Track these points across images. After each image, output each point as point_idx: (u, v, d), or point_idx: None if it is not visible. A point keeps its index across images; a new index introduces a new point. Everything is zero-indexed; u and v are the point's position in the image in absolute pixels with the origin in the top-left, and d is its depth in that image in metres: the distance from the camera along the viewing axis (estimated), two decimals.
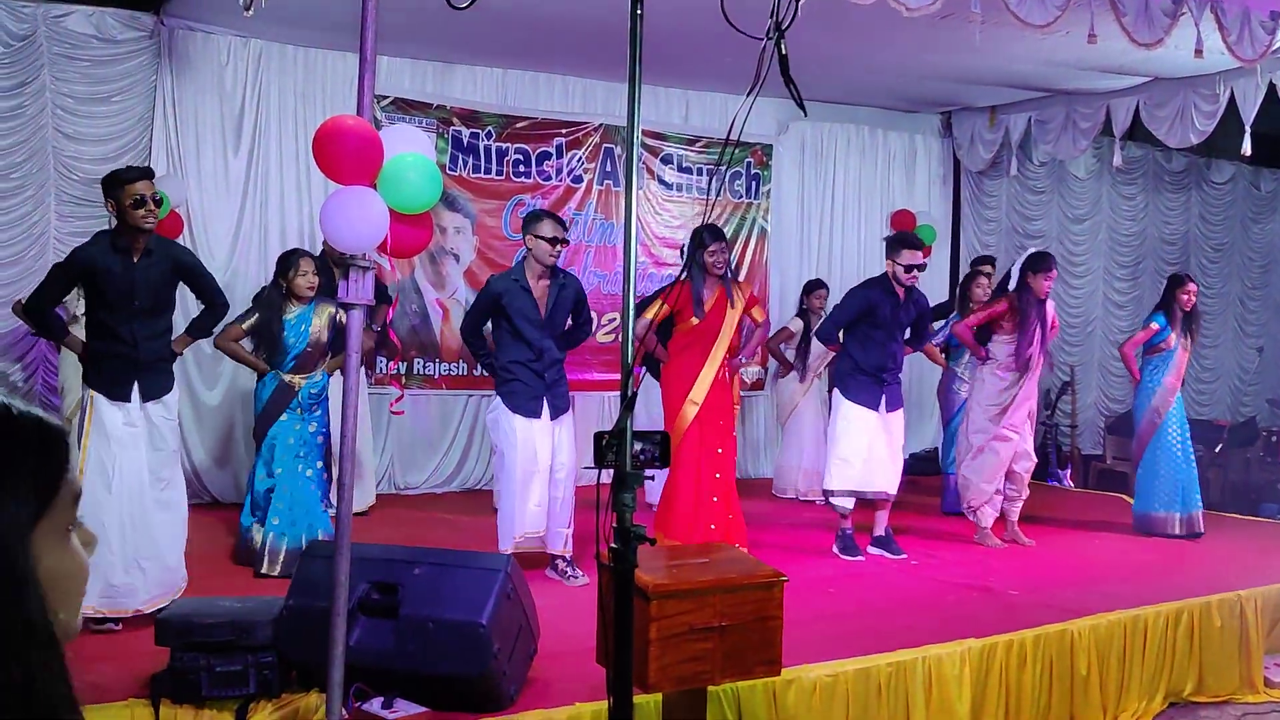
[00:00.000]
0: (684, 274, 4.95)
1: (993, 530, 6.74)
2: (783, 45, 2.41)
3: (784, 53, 2.39)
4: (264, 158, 7.43)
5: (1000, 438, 6.68)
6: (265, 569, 5.34)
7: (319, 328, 5.64)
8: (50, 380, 6.58)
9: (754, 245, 9.18)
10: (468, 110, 8.02)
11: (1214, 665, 5.34)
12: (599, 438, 2.52)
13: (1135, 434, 7.35)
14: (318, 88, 7.54)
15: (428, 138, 4.22)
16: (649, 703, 3.52)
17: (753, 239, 9.17)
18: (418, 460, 8.01)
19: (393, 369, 7.72)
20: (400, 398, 7.36)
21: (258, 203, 7.42)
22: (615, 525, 2.50)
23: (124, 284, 4.49)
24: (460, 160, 7.98)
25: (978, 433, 6.76)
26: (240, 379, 6.93)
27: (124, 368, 4.52)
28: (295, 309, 5.62)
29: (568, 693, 3.76)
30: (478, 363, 6.36)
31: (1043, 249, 7.65)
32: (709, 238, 5.84)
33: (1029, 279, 6.64)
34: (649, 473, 2.57)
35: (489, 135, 8.09)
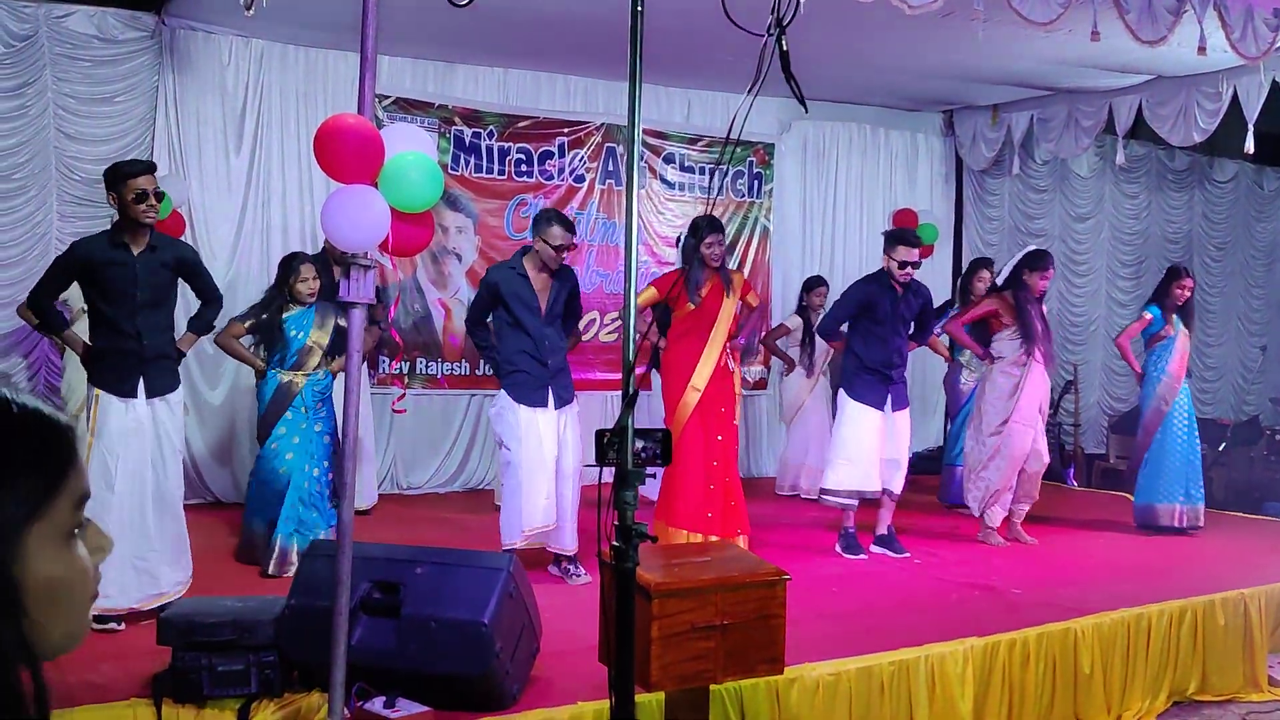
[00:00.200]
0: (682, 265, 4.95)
1: (997, 529, 6.73)
2: (784, 42, 2.41)
3: (785, 49, 2.39)
4: (265, 157, 7.43)
5: (1011, 431, 6.58)
6: (274, 569, 5.33)
7: (320, 328, 5.65)
8: (53, 381, 6.58)
9: (756, 244, 9.17)
10: (469, 110, 8.02)
11: (1218, 664, 5.33)
12: (600, 435, 2.51)
13: (1141, 423, 7.30)
14: (319, 87, 7.54)
15: (429, 137, 4.21)
16: (651, 702, 3.51)
17: (755, 238, 9.16)
18: (420, 460, 8.01)
19: (395, 368, 7.72)
20: (402, 397, 7.36)
21: (259, 202, 7.42)
22: (617, 523, 2.50)
23: (126, 277, 4.49)
24: (462, 160, 7.98)
25: (991, 435, 6.66)
26: (242, 378, 6.93)
27: (129, 362, 4.52)
28: (296, 308, 5.64)
29: (570, 692, 3.75)
30: (481, 356, 6.36)
31: (1042, 247, 7.60)
32: (707, 229, 5.84)
33: (1025, 276, 6.61)
34: (649, 470, 2.57)
35: (491, 135, 8.09)
